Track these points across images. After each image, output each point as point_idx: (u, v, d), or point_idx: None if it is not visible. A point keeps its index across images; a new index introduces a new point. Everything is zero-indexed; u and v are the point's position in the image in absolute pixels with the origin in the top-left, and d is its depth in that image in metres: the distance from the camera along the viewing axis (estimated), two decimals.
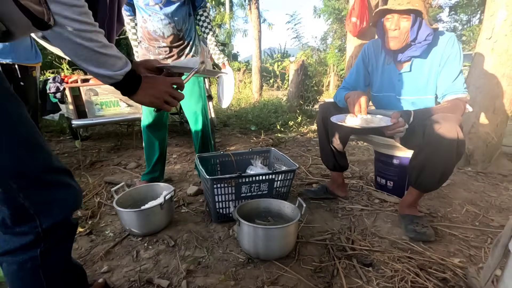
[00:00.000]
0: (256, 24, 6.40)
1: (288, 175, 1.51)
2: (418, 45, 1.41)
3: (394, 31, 1.41)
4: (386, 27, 1.44)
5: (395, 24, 1.40)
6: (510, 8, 2.01)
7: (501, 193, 1.81)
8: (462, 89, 1.38)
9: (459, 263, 1.15)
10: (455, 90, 1.39)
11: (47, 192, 0.67)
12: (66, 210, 0.71)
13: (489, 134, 2.21)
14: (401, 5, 1.37)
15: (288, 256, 1.22)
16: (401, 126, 1.31)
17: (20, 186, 0.63)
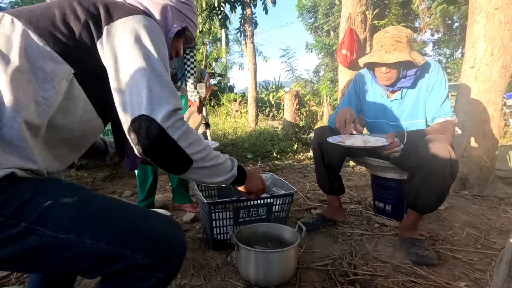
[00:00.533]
0: (252, 57, 6.71)
1: (286, 199, 1.50)
2: (408, 78, 1.50)
3: (385, 73, 1.49)
4: (377, 70, 1.53)
5: (385, 69, 1.48)
6: (488, 39, 2.16)
7: (500, 216, 1.80)
8: (450, 112, 1.44)
9: (465, 287, 1.12)
10: (444, 114, 1.45)
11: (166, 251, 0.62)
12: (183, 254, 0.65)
13: (482, 157, 2.26)
14: (388, 54, 1.42)
15: (288, 282, 1.17)
16: (397, 146, 1.34)
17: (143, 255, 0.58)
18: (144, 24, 0.65)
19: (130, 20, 0.64)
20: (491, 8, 2.13)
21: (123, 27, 0.63)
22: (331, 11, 13.67)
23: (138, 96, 0.59)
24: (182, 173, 0.67)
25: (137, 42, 0.62)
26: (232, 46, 15.38)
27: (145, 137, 0.59)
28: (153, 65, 0.62)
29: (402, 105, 1.58)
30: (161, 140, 0.60)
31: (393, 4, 10.37)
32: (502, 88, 2.19)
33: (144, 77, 0.60)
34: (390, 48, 1.43)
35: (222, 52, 10.45)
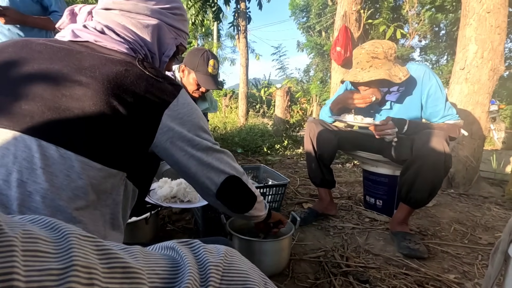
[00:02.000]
0: (244, 52, 6.65)
1: (279, 189, 1.48)
2: (392, 94, 1.49)
3: (365, 90, 1.47)
4: (358, 87, 1.51)
5: (363, 87, 1.46)
6: (479, 42, 2.21)
7: (485, 213, 1.85)
8: (455, 116, 1.43)
9: (455, 279, 1.14)
10: (450, 117, 1.44)
11: None
12: None
13: (468, 157, 2.32)
14: (363, 72, 1.39)
15: (281, 273, 1.15)
16: (390, 128, 1.35)
17: None
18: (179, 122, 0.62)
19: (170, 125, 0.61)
20: (483, 11, 2.18)
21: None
22: (324, 11, 13.76)
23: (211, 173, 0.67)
24: (250, 209, 0.76)
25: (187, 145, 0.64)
26: (224, 41, 15.24)
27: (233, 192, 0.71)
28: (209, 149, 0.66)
29: (391, 114, 1.57)
30: (242, 189, 0.73)
31: (384, 8, 10.56)
32: (490, 90, 2.26)
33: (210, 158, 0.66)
34: (366, 65, 1.39)
35: (214, 47, 10.32)
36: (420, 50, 17.19)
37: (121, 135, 0.55)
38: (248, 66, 6.88)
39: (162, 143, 0.60)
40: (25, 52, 0.56)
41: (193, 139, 0.63)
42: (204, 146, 0.64)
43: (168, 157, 0.62)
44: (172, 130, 0.60)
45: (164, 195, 0.97)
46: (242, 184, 0.72)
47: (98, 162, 0.53)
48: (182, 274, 0.28)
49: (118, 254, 0.25)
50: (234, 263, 0.33)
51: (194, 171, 0.64)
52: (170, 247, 0.34)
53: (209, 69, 1.60)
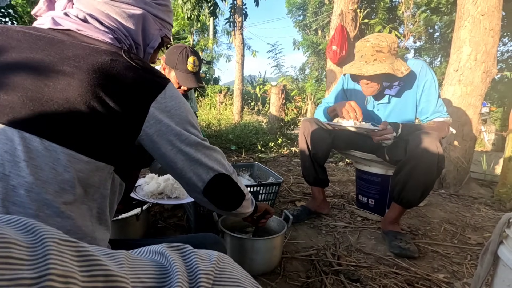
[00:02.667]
0: (240, 48, 6.61)
1: (273, 188, 1.47)
2: (393, 88, 1.50)
3: (367, 84, 1.47)
4: (360, 81, 1.51)
5: (366, 80, 1.46)
6: (473, 44, 2.23)
7: (474, 214, 1.88)
8: (444, 113, 1.45)
9: (444, 278, 1.15)
10: (439, 114, 1.46)
11: None
12: None
13: (459, 158, 2.34)
14: (368, 65, 1.39)
15: (273, 271, 1.15)
16: (389, 133, 1.35)
17: None
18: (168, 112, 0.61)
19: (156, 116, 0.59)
20: (478, 14, 2.19)
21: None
22: (320, 10, 13.76)
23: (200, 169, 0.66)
24: (237, 208, 0.76)
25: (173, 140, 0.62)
26: (220, 38, 15.14)
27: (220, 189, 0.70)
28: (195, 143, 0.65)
29: (388, 108, 1.59)
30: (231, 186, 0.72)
31: (380, 9, 10.61)
32: (482, 92, 2.28)
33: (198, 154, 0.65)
34: (370, 59, 1.39)
35: (210, 42, 10.23)
36: (414, 51, 17.35)
37: (107, 127, 0.53)
38: (244, 63, 6.84)
39: (149, 135, 0.58)
40: (1, 39, 0.53)
41: (182, 133, 0.61)
42: (193, 141, 0.63)
43: (155, 150, 0.61)
44: (160, 123, 0.58)
45: (151, 191, 0.96)
46: (231, 182, 0.71)
47: (85, 154, 0.51)
48: (170, 283, 0.27)
49: (100, 261, 0.23)
50: (226, 270, 0.32)
51: (181, 166, 0.63)
52: (158, 252, 0.32)
53: (189, 67, 1.55)
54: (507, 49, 11.00)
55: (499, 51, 8.84)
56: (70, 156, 0.50)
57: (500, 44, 3.93)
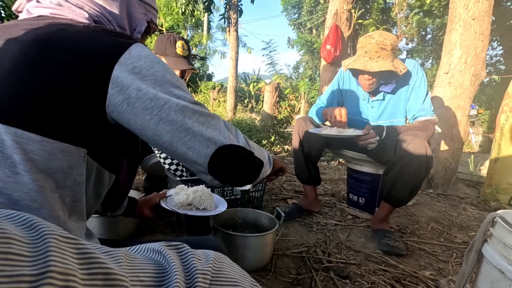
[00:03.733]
0: (234, 45, 6.58)
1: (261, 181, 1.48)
2: (389, 85, 1.53)
3: (368, 80, 1.50)
4: (360, 76, 1.53)
5: (367, 76, 1.48)
6: (463, 48, 2.28)
7: (461, 213, 1.93)
8: (430, 112, 1.49)
9: (430, 275, 1.18)
10: (425, 113, 1.50)
11: None
12: None
13: (448, 159, 2.40)
14: (372, 61, 1.41)
15: (264, 268, 1.16)
16: (372, 137, 1.38)
17: None
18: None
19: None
20: (469, 18, 2.24)
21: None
22: (315, 9, 13.79)
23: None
24: (256, 178, 0.62)
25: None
26: (215, 34, 15.03)
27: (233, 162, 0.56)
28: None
29: (383, 105, 1.61)
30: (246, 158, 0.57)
31: (374, 10, 10.70)
32: (471, 95, 2.33)
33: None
34: (374, 55, 1.42)
35: (204, 38, 10.15)
36: (406, 52, 17.59)
37: (63, 100, 0.46)
38: (238, 59, 6.82)
39: (118, 106, 0.48)
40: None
41: (159, 96, 0.50)
42: (177, 104, 0.50)
43: (131, 125, 0.50)
44: (128, 88, 0.48)
45: (181, 202, 0.97)
46: (243, 153, 0.56)
47: (36, 133, 0.44)
48: (168, 282, 0.27)
49: (100, 259, 0.23)
50: (223, 270, 0.32)
51: (168, 140, 0.51)
52: (157, 251, 0.32)
53: (178, 51, 1.55)
54: (496, 53, 11.27)
55: (488, 55, 9.06)
56: (16, 135, 0.43)
57: (489, 48, 4.02)
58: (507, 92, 2.24)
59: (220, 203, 1.05)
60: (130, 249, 0.32)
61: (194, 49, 12.12)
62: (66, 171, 0.47)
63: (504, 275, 0.67)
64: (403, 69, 1.44)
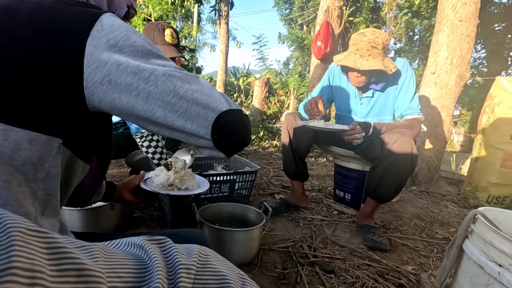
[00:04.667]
0: (225, 38, 6.50)
1: (249, 176, 1.48)
2: (379, 84, 1.54)
3: (358, 77, 1.51)
4: (350, 72, 1.53)
5: (357, 73, 1.49)
6: (450, 49, 2.33)
7: (442, 210, 1.99)
8: (417, 110, 1.52)
9: (412, 270, 1.21)
10: (412, 112, 1.52)
11: None
12: None
13: (431, 157, 2.46)
14: (362, 59, 1.42)
15: (250, 262, 1.16)
16: (358, 133, 1.40)
17: None
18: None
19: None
20: (456, 19, 2.28)
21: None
22: (307, 5, 13.77)
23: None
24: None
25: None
26: (205, 26, 14.77)
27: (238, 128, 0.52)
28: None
29: (372, 102, 1.63)
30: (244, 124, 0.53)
31: (364, 8, 10.79)
32: (456, 95, 2.39)
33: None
34: (365, 54, 1.43)
35: (194, 30, 9.96)
36: (394, 52, 17.89)
37: (28, 84, 0.41)
38: (228, 53, 6.75)
39: (98, 86, 0.43)
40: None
41: (143, 68, 0.44)
42: (164, 74, 0.45)
43: (117, 105, 0.45)
44: (106, 64, 0.43)
45: (161, 183, 0.93)
46: (240, 116, 0.52)
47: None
48: (149, 279, 0.25)
49: (72, 254, 0.21)
50: (209, 263, 0.31)
51: (162, 115, 0.46)
52: (138, 245, 0.30)
53: (167, 39, 1.52)
54: (479, 55, 11.61)
55: (472, 57, 9.33)
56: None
57: (473, 51, 4.12)
58: (489, 94, 2.31)
59: (202, 183, 1.03)
60: (108, 244, 0.30)
61: (183, 41, 11.87)
62: (36, 163, 0.42)
63: (483, 270, 0.69)
64: (393, 68, 1.45)
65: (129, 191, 0.92)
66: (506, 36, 9.93)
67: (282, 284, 1.06)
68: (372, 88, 1.58)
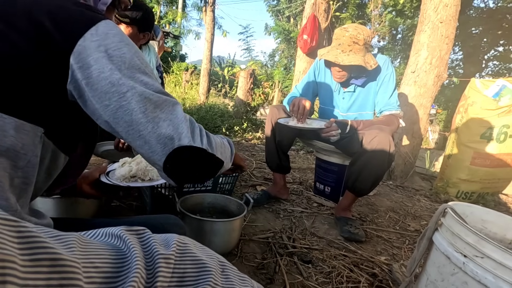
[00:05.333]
0: (210, 26, 6.35)
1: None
2: (360, 79, 1.58)
3: (339, 72, 1.53)
4: (332, 67, 1.56)
5: (338, 68, 1.51)
6: (430, 49, 2.40)
7: (415, 204, 2.09)
8: (396, 106, 1.57)
9: (385, 260, 1.27)
10: (391, 107, 1.57)
11: None
12: None
13: (408, 154, 2.56)
14: (343, 54, 1.44)
15: (230, 253, 1.17)
16: (334, 130, 1.43)
17: None
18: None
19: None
20: (437, 21, 2.35)
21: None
22: None
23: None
24: (215, 175, 0.62)
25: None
26: (190, 12, 14.36)
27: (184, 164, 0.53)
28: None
29: (353, 97, 1.67)
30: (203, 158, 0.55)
31: (350, 4, 10.88)
32: (433, 95, 2.49)
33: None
34: (347, 48, 1.45)
35: (178, 16, 9.66)
36: (377, 50, 18.25)
37: (20, 72, 0.42)
38: (213, 42, 6.61)
39: (79, 83, 0.45)
40: None
41: (123, 82, 0.45)
42: (140, 95, 0.47)
43: (89, 106, 0.46)
44: (90, 67, 0.44)
45: (123, 175, 0.90)
46: (203, 155, 0.54)
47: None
48: (127, 269, 0.25)
49: (46, 243, 0.21)
50: (188, 252, 0.30)
51: (125, 130, 0.48)
52: (116, 235, 0.30)
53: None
54: (456, 57, 12.09)
55: (449, 59, 9.75)
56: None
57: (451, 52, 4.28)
58: (463, 94, 2.41)
59: None
60: (85, 234, 0.30)
61: (167, 26, 11.50)
62: (19, 151, 0.43)
63: (450, 260, 0.73)
64: (374, 64, 1.48)
65: (89, 184, 0.88)
66: (482, 40, 10.40)
67: (261, 274, 1.08)
68: (354, 83, 1.61)
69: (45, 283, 0.19)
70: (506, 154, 2.29)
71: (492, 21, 9.48)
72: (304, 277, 1.08)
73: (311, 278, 1.08)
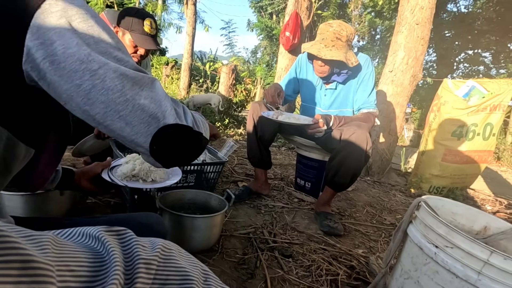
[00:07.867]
0: (192, 20, 6.22)
1: (216, 168, 1.46)
2: (341, 76, 1.60)
3: (321, 66, 1.55)
4: (314, 61, 1.58)
5: (320, 62, 1.54)
6: (407, 49, 2.49)
7: (391, 199, 2.17)
8: (373, 105, 1.61)
9: (362, 253, 1.31)
10: (368, 106, 1.62)
11: None
12: None
13: (384, 150, 2.65)
14: (326, 49, 1.46)
15: (211, 249, 1.16)
16: (321, 126, 1.45)
17: None
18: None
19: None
20: (414, 22, 2.44)
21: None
22: None
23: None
24: (201, 153, 0.57)
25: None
26: (171, 5, 13.97)
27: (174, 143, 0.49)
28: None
29: (334, 94, 1.70)
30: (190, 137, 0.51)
31: (332, 3, 11.05)
32: (409, 94, 2.59)
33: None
34: (329, 44, 1.47)
35: (158, 8, 9.37)
36: (357, 49, 18.71)
37: None
38: (195, 36, 6.49)
39: (39, 64, 0.38)
40: None
41: (94, 58, 0.40)
42: (115, 71, 0.41)
43: (56, 89, 0.40)
44: (53, 43, 0.38)
45: (124, 173, 0.85)
46: (190, 134, 0.50)
47: None
48: (105, 274, 0.23)
49: (16, 243, 0.19)
50: (171, 258, 0.29)
51: (101, 112, 0.42)
52: (94, 236, 0.28)
53: (146, 28, 1.43)
54: (430, 58, 12.64)
55: (424, 60, 10.16)
56: None
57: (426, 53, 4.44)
58: (436, 94, 2.53)
59: (174, 175, 0.97)
60: (59, 234, 0.28)
61: None
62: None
63: (423, 251, 0.77)
64: (355, 61, 1.51)
65: (88, 179, 0.84)
66: (454, 43, 10.93)
67: (242, 269, 1.08)
68: (335, 80, 1.64)
69: (14, 287, 0.18)
70: (473, 151, 2.43)
71: (464, 25, 9.99)
72: (285, 271, 1.09)
73: (291, 272, 1.10)
